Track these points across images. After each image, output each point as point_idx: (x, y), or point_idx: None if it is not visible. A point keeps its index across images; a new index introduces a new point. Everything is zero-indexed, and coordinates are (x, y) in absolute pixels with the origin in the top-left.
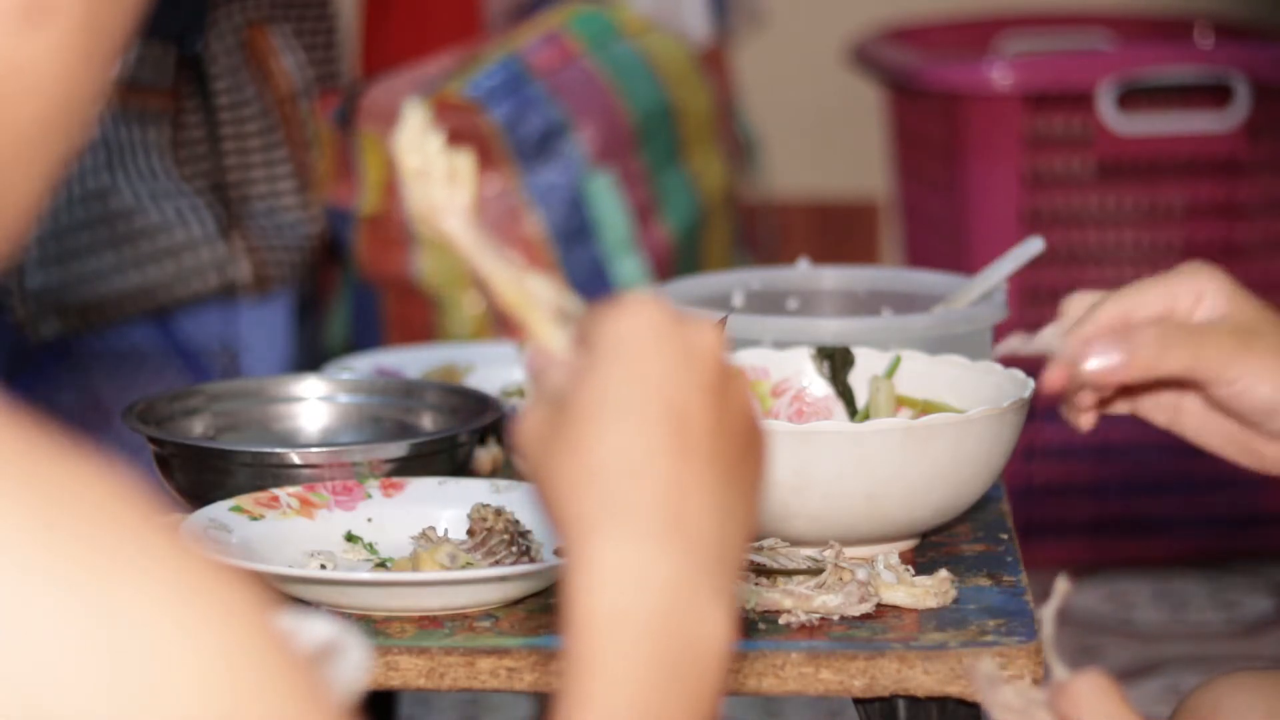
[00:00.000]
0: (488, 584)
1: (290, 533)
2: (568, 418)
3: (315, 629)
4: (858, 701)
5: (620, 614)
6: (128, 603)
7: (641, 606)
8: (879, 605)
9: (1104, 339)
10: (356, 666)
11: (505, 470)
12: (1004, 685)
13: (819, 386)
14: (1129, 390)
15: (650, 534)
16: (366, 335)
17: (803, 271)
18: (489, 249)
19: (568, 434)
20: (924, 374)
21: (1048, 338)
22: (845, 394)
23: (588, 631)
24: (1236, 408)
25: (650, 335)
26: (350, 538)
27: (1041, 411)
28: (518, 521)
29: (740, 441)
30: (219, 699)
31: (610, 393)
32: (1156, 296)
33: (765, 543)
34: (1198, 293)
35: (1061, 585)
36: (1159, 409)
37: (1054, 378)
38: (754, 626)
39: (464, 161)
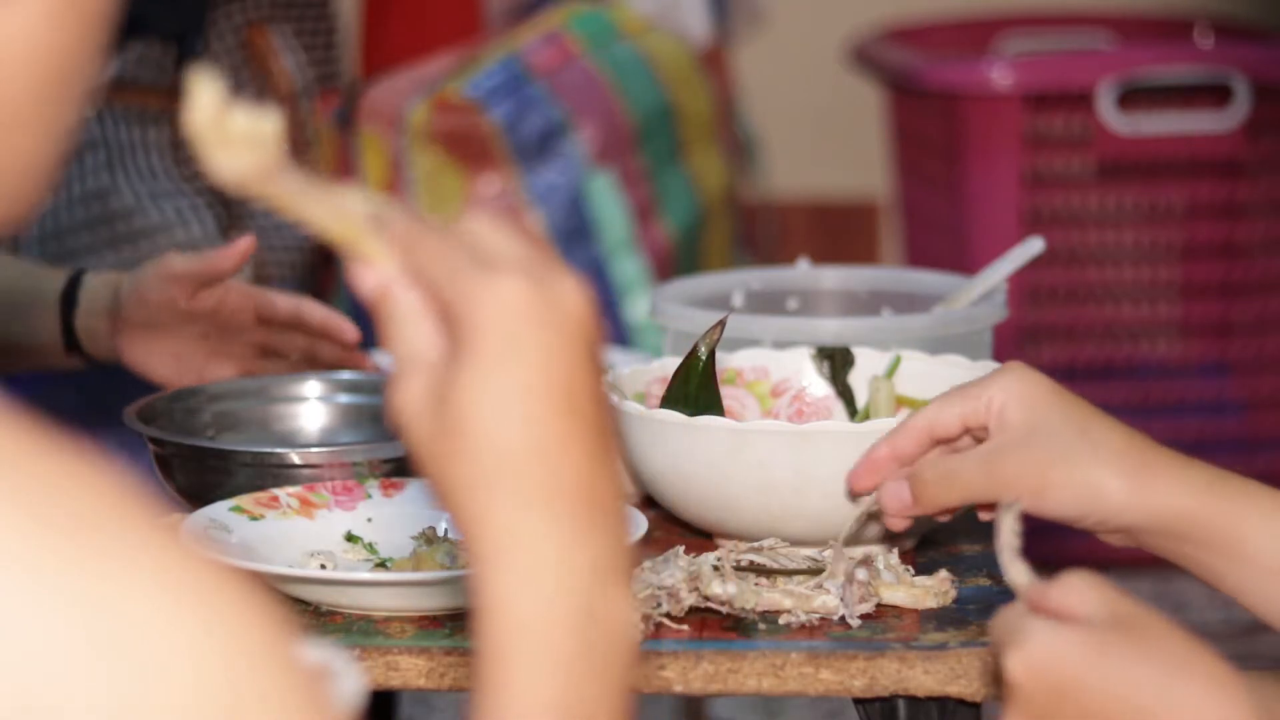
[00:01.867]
0: None
1: (290, 533)
2: (452, 409)
3: (309, 655)
4: (858, 701)
5: (545, 608)
6: (122, 602)
7: (563, 598)
8: (879, 605)
9: (893, 480)
10: (351, 691)
11: None
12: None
13: (819, 386)
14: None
15: (561, 523)
16: (366, 335)
17: (803, 271)
18: (307, 192)
19: (456, 427)
20: (924, 374)
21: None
22: (845, 394)
23: (512, 629)
24: (1053, 517)
25: (523, 313)
26: (350, 538)
27: None
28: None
29: (607, 404)
30: (216, 697)
31: (492, 384)
32: (954, 405)
33: (765, 543)
34: (1002, 401)
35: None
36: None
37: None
38: (754, 626)
39: (266, 121)
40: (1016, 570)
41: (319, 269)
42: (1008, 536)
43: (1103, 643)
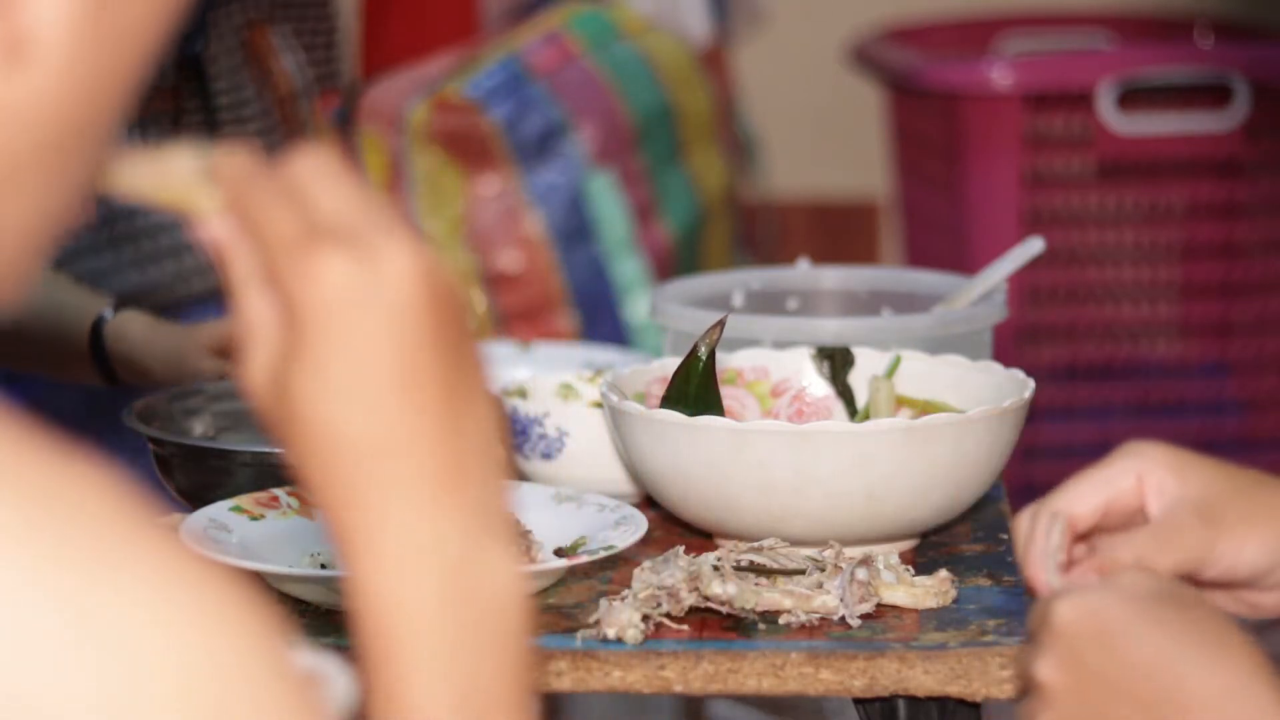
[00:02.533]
0: None
1: (290, 533)
2: (292, 402)
3: (301, 658)
4: (858, 701)
5: (419, 595)
6: (112, 602)
7: (434, 582)
8: (879, 605)
9: (1086, 580)
10: (343, 694)
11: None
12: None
13: (819, 386)
14: None
15: (422, 507)
16: None
17: (803, 271)
18: (129, 163)
19: (298, 421)
20: (924, 374)
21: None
22: (845, 394)
23: (386, 617)
24: (1227, 581)
25: (347, 299)
26: None
27: (1041, 411)
28: (518, 521)
29: (467, 365)
30: (204, 696)
31: (326, 378)
32: (1095, 492)
33: (765, 543)
34: (1137, 476)
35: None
36: None
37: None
38: (754, 626)
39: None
40: (1054, 578)
41: None
42: (1052, 546)
43: (1151, 604)
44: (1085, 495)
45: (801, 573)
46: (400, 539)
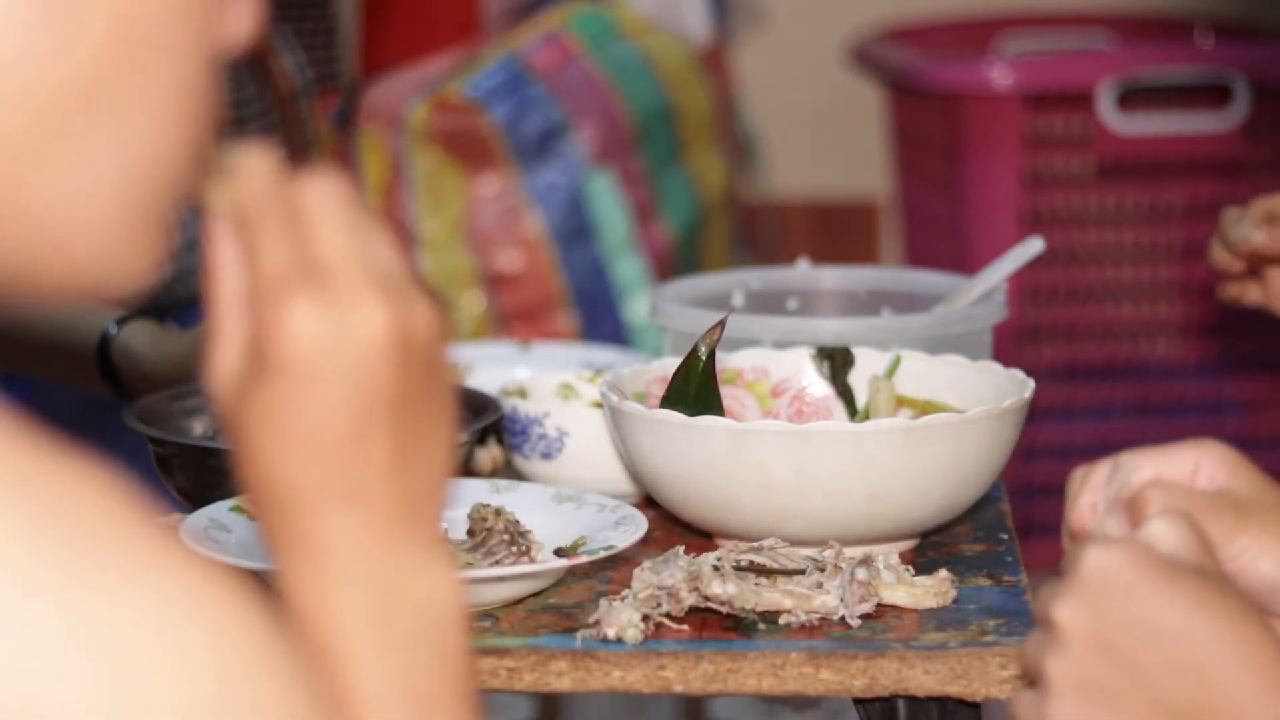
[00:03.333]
0: (488, 584)
1: None
2: (247, 428)
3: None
4: (858, 701)
5: (353, 615)
6: (109, 602)
7: (362, 603)
8: (879, 605)
9: (1120, 528)
10: None
11: (505, 470)
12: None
13: (819, 386)
14: None
15: (354, 547)
16: None
17: (803, 271)
18: None
19: (250, 448)
20: (924, 374)
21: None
22: (845, 394)
23: (327, 643)
24: (1240, 584)
25: (319, 350)
26: None
27: (1041, 411)
28: (517, 521)
29: (428, 414)
30: (201, 694)
31: (286, 419)
32: (1151, 463)
33: (765, 543)
34: (1195, 462)
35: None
36: None
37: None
38: (754, 626)
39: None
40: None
41: None
42: (1111, 489)
43: (1181, 567)
44: (1142, 463)
45: (801, 573)
46: (334, 573)
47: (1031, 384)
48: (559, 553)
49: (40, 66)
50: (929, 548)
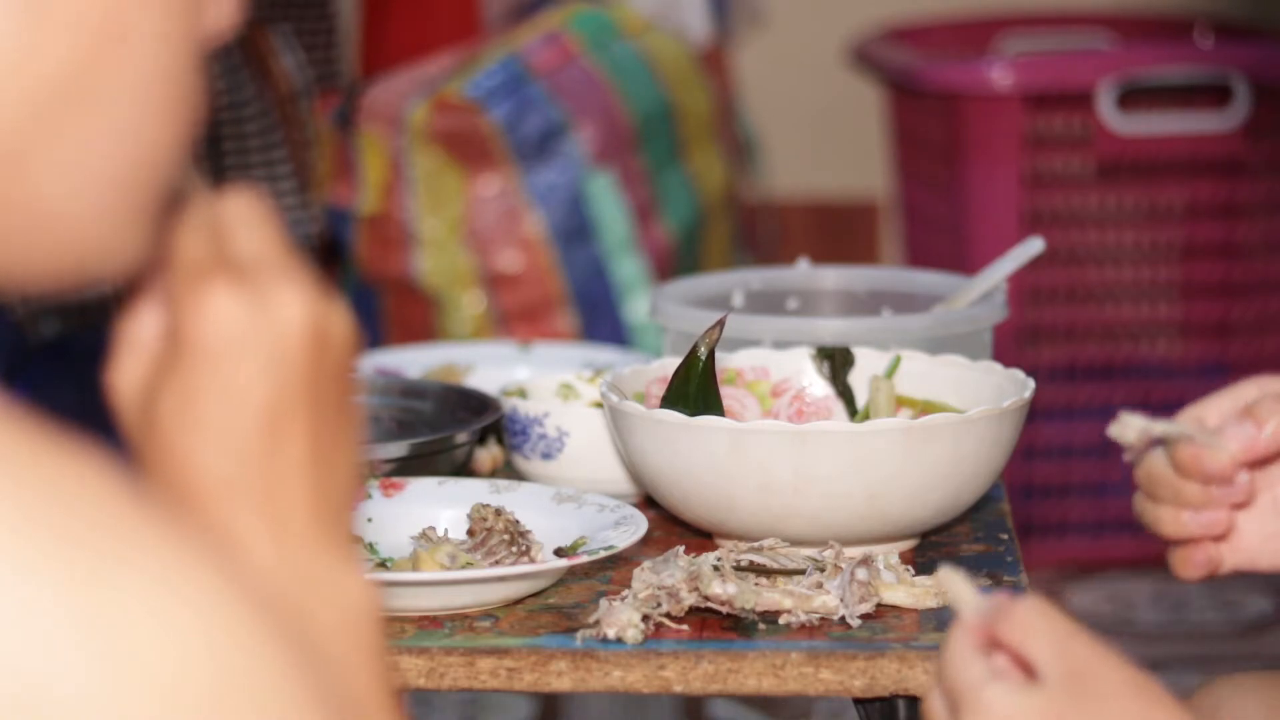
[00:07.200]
0: (488, 584)
1: None
2: (155, 425)
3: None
4: (858, 701)
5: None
6: (110, 592)
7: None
8: (879, 605)
9: (1231, 422)
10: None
11: (505, 470)
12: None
13: (819, 386)
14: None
15: (266, 538)
16: (366, 335)
17: (803, 271)
18: None
19: (157, 445)
20: (924, 374)
21: (1165, 425)
22: (845, 394)
23: None
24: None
25: (237, 337)
26: None
27: (1041, 411)
28: (517, 521)
29: (340, 414)
30: (199, 684)
31: (193, 414)
32: (1218, 402)
33: (765, 543)
34: (1259, 387)
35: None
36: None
37: (1188, 456)
38: (754, 626)
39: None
40: (963, 588)
41: (320, 268)
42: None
43: (1061, 714)
44: (1210, 405)
45: (801, 573)
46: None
47: (1031, 384)
48: (559, 553)
49: (25, 62)
50: (929, 548)
